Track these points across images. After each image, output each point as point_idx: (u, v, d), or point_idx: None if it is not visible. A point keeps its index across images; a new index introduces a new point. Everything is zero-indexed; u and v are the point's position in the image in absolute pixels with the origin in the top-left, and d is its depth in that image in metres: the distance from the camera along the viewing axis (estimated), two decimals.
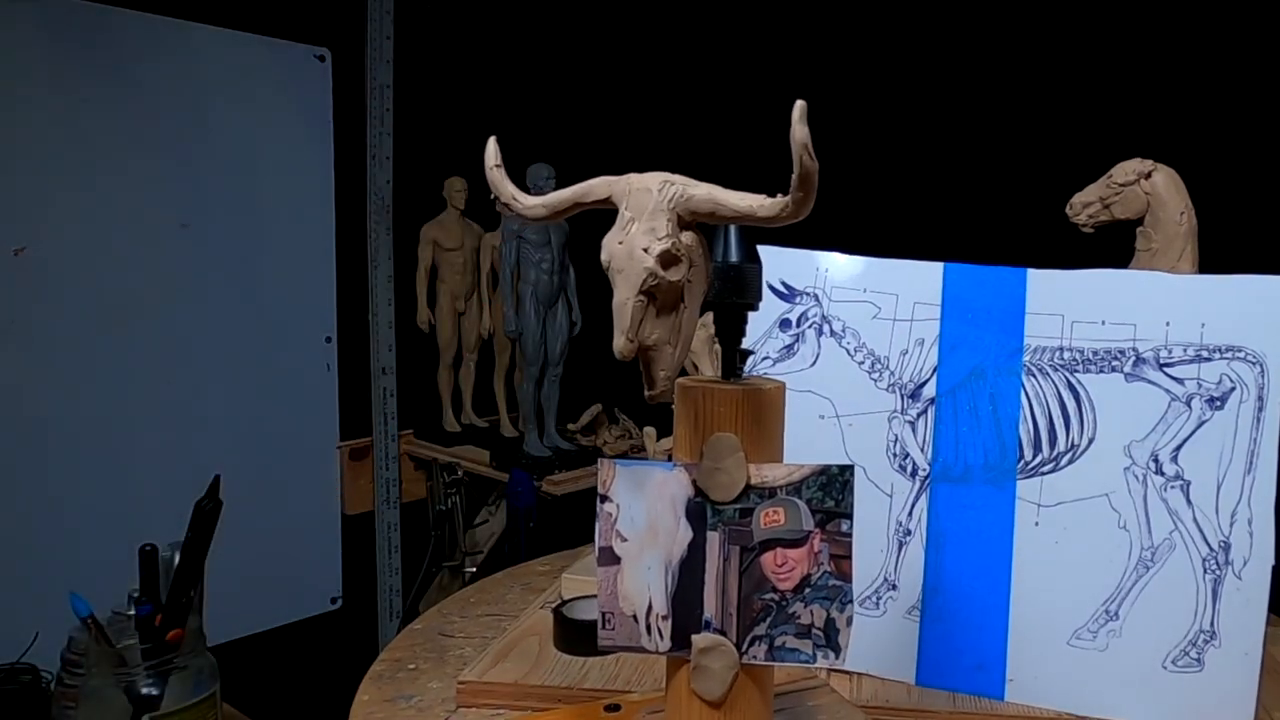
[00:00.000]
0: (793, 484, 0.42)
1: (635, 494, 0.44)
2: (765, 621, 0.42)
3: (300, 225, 1.53)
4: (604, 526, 0.44)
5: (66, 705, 0.67)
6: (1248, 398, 0.56)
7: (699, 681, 0.42)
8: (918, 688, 0.60)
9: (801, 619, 0.42)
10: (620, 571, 0.44)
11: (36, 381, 1.25)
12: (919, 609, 0.60)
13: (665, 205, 0.40)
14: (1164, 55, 1.22)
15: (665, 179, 0.41)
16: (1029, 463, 0.59)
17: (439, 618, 0.76)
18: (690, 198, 0.40)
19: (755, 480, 0.42)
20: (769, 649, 0.42)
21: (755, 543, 0.42)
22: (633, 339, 0.39)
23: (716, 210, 0.40)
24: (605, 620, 0.44)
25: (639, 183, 0.41)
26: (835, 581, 0.42)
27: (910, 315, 0.63)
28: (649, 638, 0.44)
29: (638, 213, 0.40)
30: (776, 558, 0.42)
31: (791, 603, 0.42)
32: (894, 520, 0.61)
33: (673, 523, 0.43)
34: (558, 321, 1.51)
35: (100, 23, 1.27)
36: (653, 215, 0.40)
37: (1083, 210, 0.78)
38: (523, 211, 0.44)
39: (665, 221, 0.40)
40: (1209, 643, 0.55)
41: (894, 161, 1.43)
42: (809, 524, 0.42)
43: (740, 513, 0.42)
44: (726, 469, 0.41)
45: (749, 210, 0.39)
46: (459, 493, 1.58)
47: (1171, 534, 0.56)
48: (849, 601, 0.42)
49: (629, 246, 0.39)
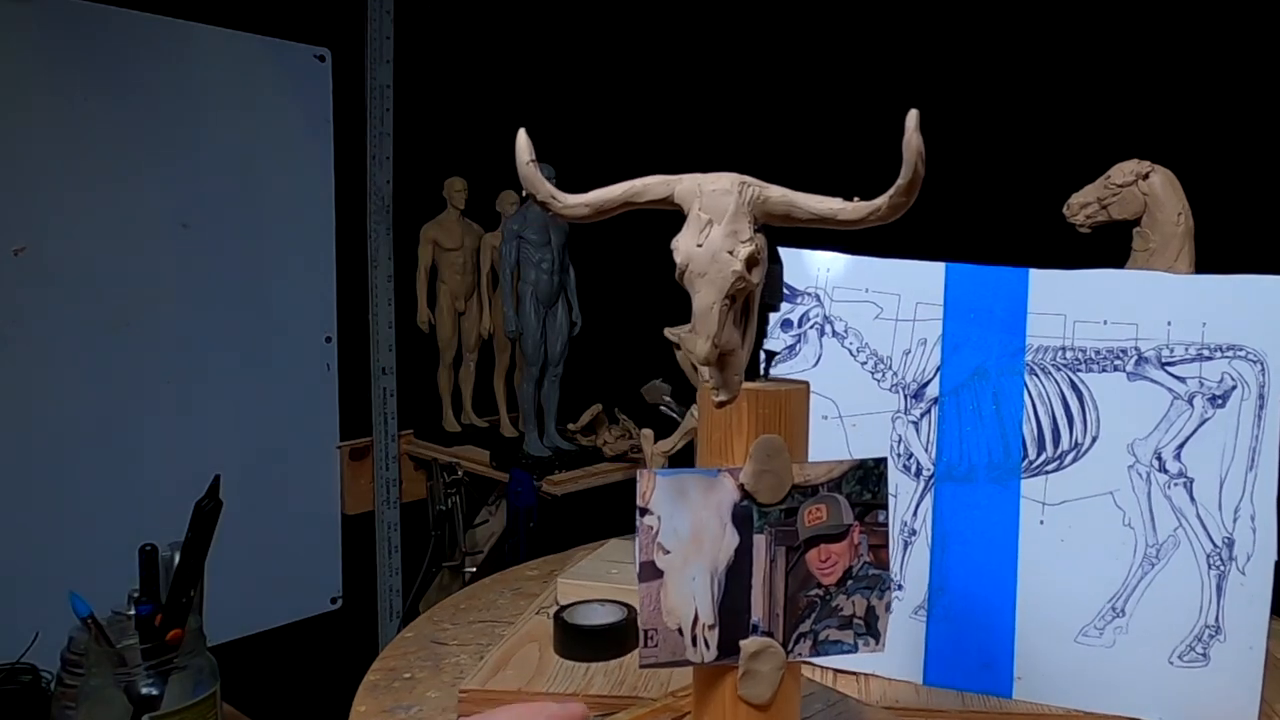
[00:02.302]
0: (833, 480, 0.43)
1: (678, 504, 0.42)
2: (810, 618, 0.43)
3: (300, 225, 1.53)
4: (644, 541, 0.42)
5: (66, 705, 0.67)
6: (1249, 396, 0.56)
7: (747, 687, 0.41)
8: (926, 687, 0.60)
9: (844, 610, 0.43)
10: (664, 586, 0.42)
11: (36, 381, 1.24)
12: (925, 609, 0.60)
13: (746, 207, 0.39)
14: (1163, 56, 1.22)
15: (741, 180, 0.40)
16: (1033, 462, 0.59)
17: (431, 625, 0.74)
18: (766, 199, 0.40)
19: (799, 479, 0.42)
20: (814, 644, 0.43)
21: (800, 541, 0.42)
22: (718, 344, 0.38)
23: (792, 212, 0.40)
24: (648, 638, 0.42)
25: (712, 184, 0.40)
26: (875, 570, 0.43)
27: (913, 315, 0.63)
28: (694, 650, 0.42)
29: (716, 215, 0.39)
30: (820, 554, 0.42)
31: (834, 596, 0.43)
32: (899, 520, 0.61)
33: (719, 530, 0.42)
34: (558, 321, 1.51)
35: (100, 23, 1.27)
36: (734, 218, 0.39)
37: (1080, 211, 0.79)
38: (562, 210, 0.42)
39: (747, 224, 0.39)
40: (1214, 638, 0.55)
41: (894, 161, 1.44)
42: (849, 518, 0.43)
43: (785, 513, 0.42)
44: (774, 470, 0.41)
45: (829, 213, 0.40)
46: (459, 493, 1.58)
47: (1176, 531, 0.56)
48: (888, 588, 0.43)
49: (710, 250, 0.39)
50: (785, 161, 1.45)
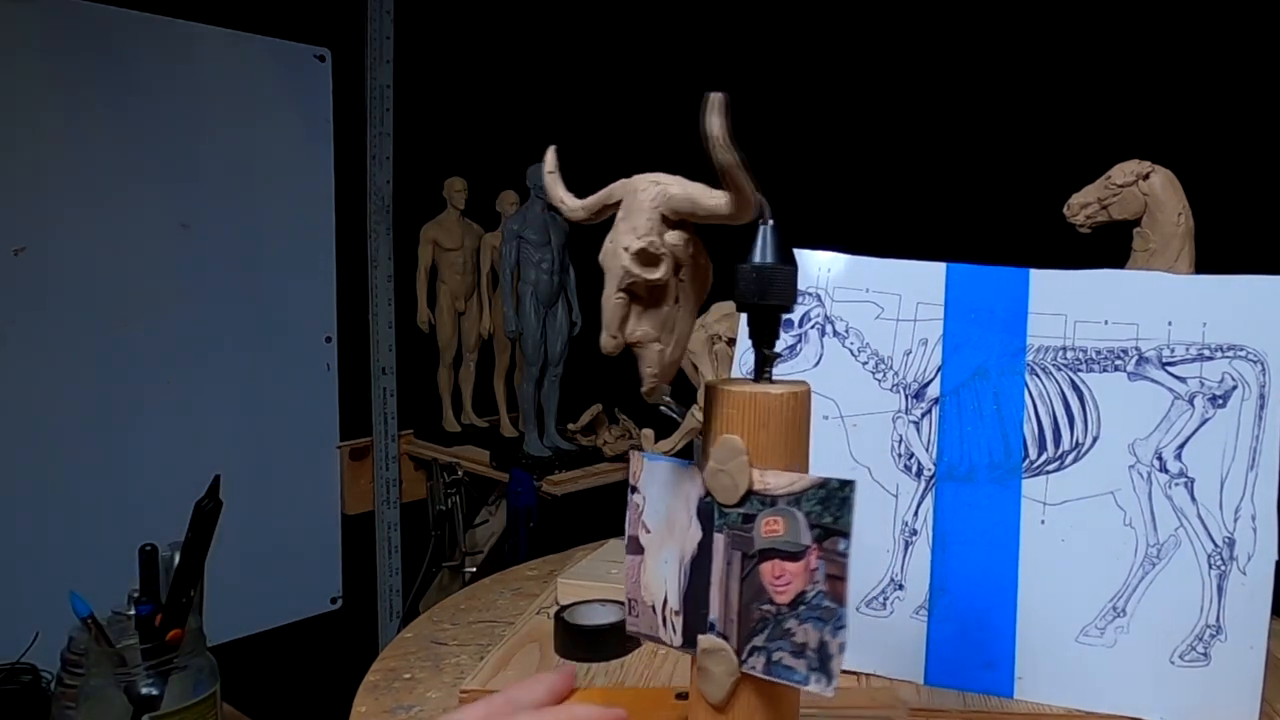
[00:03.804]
0: (793, 494, 0.39)
1: (657, 488, 0.44)
2: (764, 633, 0.40)
3: (300, 225, 1.53)
4: (632, 516, 0.45)
5: (66, 705, 0.67)
6: (1249, 396, 0.56)
7: (703, 682, 0.42)
8: (927, 687, 0.60)
9: (797, 637, 0.39)
10: (643, 562, 0.44)
11: (36, 381, 1.24)
12: (926, 609, 0.60)
13: (648, 205, 0.41)
14: (1163, 56, 1.22)
15: (652, 179, 0.42)
16: (1034, 461, 0.59)
17: (430, 625, 0.74)
18: (671, 197, 0.41)
19: (758, 486, 0.40)
20: (767, 662, 0.40)
21: (755, 550, 0.40)
22: (615, 335, 0.41)
23: (694, 209, 0.41)
24: (630, 606, 0.45)
25: (632, 184, 0.42)
26: (829, 603, 0.38)
27: (913, 315, 0.63)
28: (664, 630, 0.44)
29: (626, 213, 0.41)
30: (775, 569, 0.39)
31: (787, 618, 0.39)
32: (900, 520, 0.61)
33: (686, 520, 0.43)
34: (558, 321, 1.51)
35: (100, 23, 1.27)
36: (635, 214, 0.41)
37: (1080, 211, 0.79)
38: (567, 214, 0.45)
39: (645, 220, 0.40)
40: (1215, 637, 0.55)
41: (895, 161, 1.44)
42: (807, 538, 0.39)
43: (744, 518, 0.40)
44: (729, 471, 0.41)
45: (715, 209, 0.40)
46: (459, 493, 1.58)
47: (1176, 530, 0.56)
48: (842, 626, 0.38)
49: (614, 245, 0.41)
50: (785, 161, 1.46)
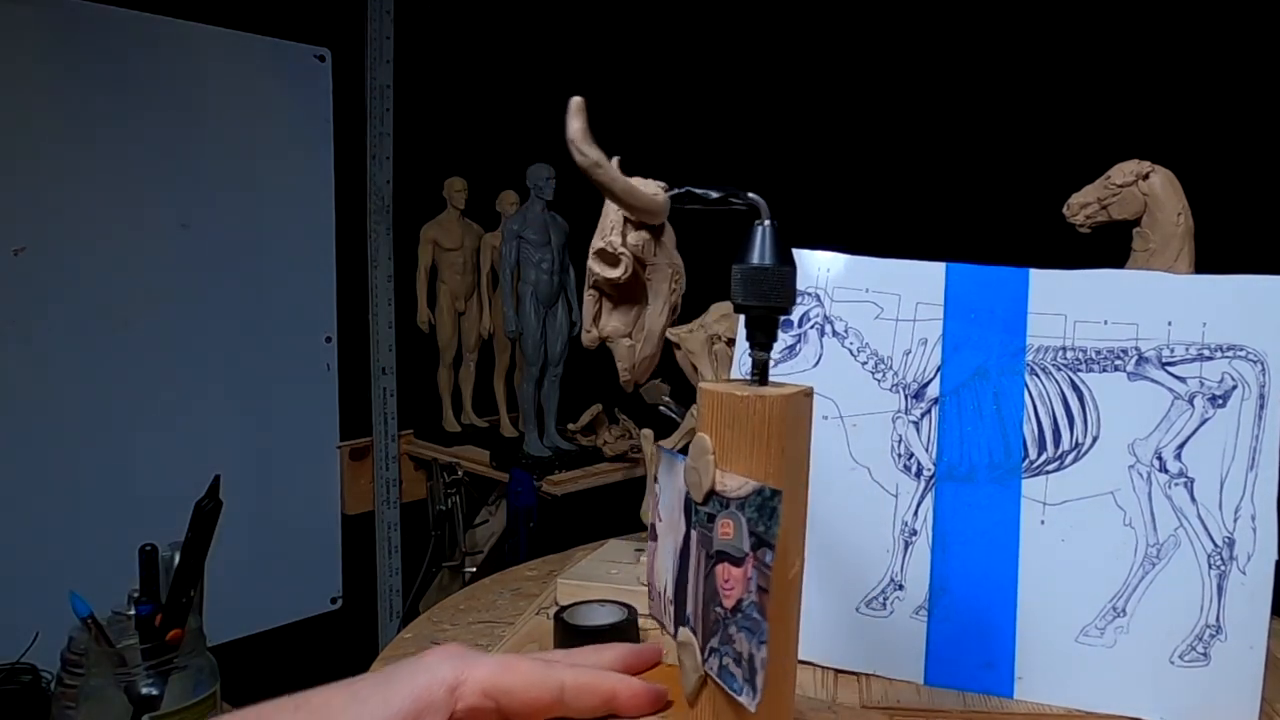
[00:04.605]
0: (740, 499, 0.38)
1: (667, 479, 0.45)
2: (716, 636, 0.39)
3: (300, 225, 1.53)
4: (653, 504, 0.47)
5: (66, 705, 0.67)
6: (1249, 396, 0.56)
7: (683, 675, 0.42)
8: (927, 687, 0.60)
9: (735, 644, 0.37)
10: (656, 549, 0.45)
11: (36, 381, 1.25)
12: (926, 609, 0.60)
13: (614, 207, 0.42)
14: (1163, 56, 1.22)
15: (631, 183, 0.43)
16: (1034, 462, 0.59)
17: (430, 626, 0.73)
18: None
19: (718, 487, 0.39)
20: (719, 666, 0.38)
21: (715, 550, 0.39)
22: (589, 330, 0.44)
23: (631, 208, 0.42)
24: (650, 589, 0.46)
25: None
26: (756, 615, 0.36)
27: (913, 315, 0.63)
28: (665, 617, 0.44)
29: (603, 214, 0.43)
30: (724, 572, 0.38)
31: (730, 623, 0.38)
32: (899, 520, 0.61)
33: (678, 514, 0.43)
34: (558, 321, 1.51)
35: (100, 23, 1.27)
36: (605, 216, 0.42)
37: (1080, 211, 0.79)
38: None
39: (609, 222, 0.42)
40: (1215, 637, 0.55)
41: (895, 161, 1.44)
42: (746, 545, 0.37)
43: (708, 517, 0.40)
44: (697, 469, 0.41)
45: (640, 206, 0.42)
46: (459, 493, 1.58)
47: (1176, 530, 0.56)
48: (764, 642, 0.36)
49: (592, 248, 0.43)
50: (785, 161, 1.46)
